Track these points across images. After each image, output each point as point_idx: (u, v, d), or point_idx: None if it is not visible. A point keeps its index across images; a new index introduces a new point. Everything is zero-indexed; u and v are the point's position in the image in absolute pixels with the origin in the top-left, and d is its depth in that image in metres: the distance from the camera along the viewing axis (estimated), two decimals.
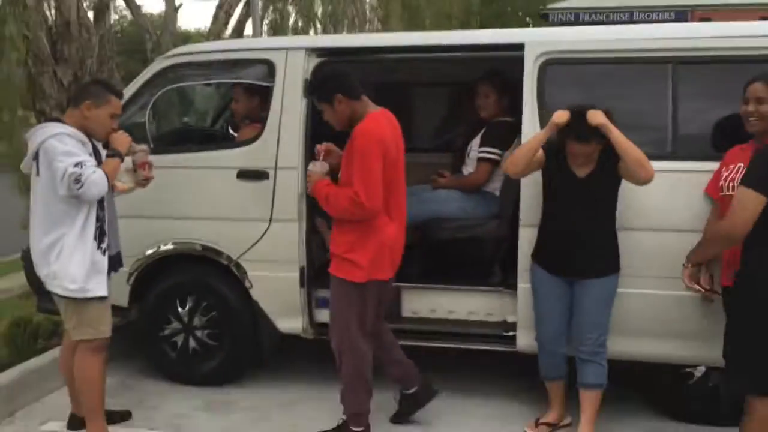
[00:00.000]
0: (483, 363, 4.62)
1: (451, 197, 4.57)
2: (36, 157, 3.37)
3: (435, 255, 4.66)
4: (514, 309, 4.04)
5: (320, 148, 3.71)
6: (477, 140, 4.59)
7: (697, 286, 3.45)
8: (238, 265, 4.29)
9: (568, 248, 3.63)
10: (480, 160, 4.50)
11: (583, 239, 3.60)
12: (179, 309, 4.44)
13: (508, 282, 4.20)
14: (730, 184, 3.30)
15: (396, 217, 3.66)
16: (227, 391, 4.39)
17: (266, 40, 5.45)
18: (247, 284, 4.29)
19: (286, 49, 4.28)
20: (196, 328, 4.44)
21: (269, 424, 4.05)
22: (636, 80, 3.91)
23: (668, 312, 3.76)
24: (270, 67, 4.23)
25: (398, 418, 4.04)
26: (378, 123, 3.52)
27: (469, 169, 4.67)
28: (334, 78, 3.61)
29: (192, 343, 4.45)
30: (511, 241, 4.17)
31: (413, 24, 10.14)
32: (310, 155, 4.14)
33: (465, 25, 10.64)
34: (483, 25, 17.21)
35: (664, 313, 3.77)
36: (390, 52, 4.40)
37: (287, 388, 4.47)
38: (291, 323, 4.29)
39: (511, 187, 4.18)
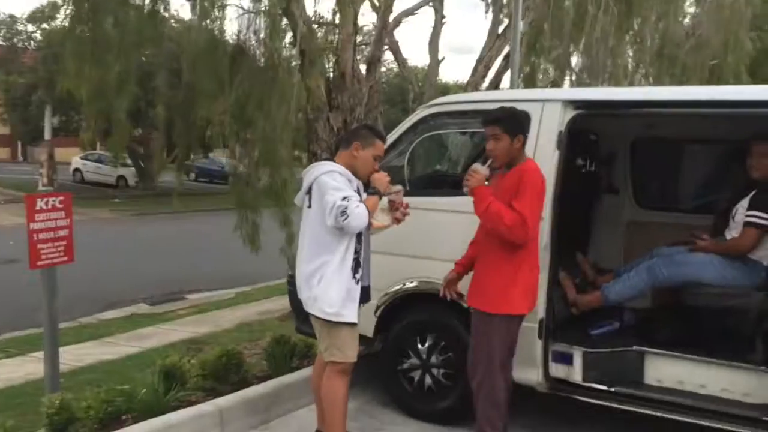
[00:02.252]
0: None
1: (710, 262, 4.25)
2: (309, 191, 3.78)
3: (687, 322, 4.34)
4: None
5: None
6: (745, 203, 4.23)
7: None
8: None
9: None
10: (747, 224, 4.14)
11: None
12: (419, 345, 4.62)
13: None
14: None
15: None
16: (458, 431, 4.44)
17: (523, 92, 5.56)
18: None
19: (543, 101, 4.34)
20: (433, 366, 4.58)
21: None
22: None
23: None
24: (526, 118, 4.30)
25: None
26: (540, 169, 3.85)
27: (732, 233, 4.32)
28: (526, 119, 3.95)
29: (428, 380, 4.59)
30: None
31: (681, 83, 9.57)
32: (559, 206, 4.13)
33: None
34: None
35: None
36: (651, 107, 4.26)
37: None
38: (525, 374, 4.24)
39: None
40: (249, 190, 7.05)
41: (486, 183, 3.84)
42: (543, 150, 4.20)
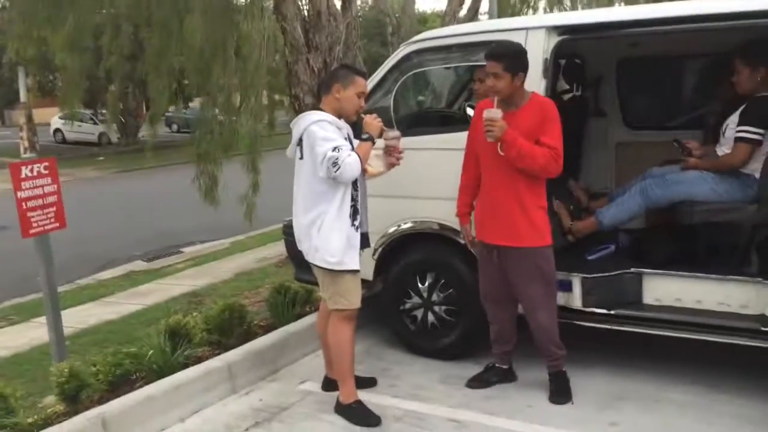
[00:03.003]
0: (727, 359, 4.28)
1: (702, 179, 4.26)
2: (299, 142, 3.73)
3: (682, 240, 4.39)
4: None
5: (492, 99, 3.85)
6: (735, 118, 4.21)
7: None
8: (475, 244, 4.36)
9: None
10: (738, 140, 4.13)
11: None
12: (419, 285, 4.66)
13: (767, 273, 3.84)
14: None
15: None
16: (463, 366, 4.51)
17: (505, 21, 5.42)
18: None
19: (526, 29, 4.25)
20: (435, 304, 4.63)
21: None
22: None
23: None
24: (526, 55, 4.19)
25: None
26: None
27: (724, 149, 4.32)
28: (526, 56, 3.87)
29: (431, 317, 4.65)
30: None
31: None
32: None
33: None
34: None
35: None
36: (636, 27, 4.18)
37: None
38: None
39: None
40: (209, 139, 6.96)
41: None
42: (530, 78, 4.10)
